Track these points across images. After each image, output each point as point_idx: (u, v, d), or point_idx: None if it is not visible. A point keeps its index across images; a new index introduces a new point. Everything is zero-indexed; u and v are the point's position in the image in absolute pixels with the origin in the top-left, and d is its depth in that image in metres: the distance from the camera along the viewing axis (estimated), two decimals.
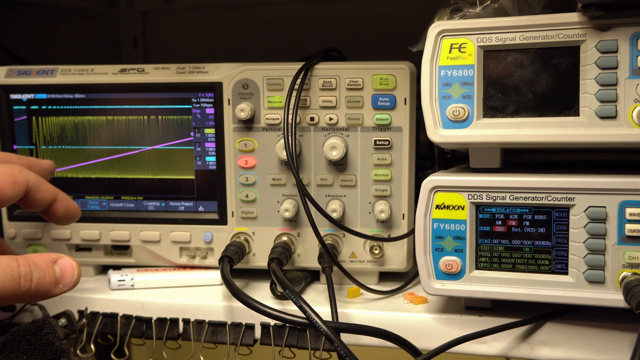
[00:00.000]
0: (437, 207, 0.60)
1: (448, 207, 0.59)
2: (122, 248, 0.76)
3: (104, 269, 0.79)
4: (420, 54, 0.60)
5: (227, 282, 0.62)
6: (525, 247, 0.58)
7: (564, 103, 0.57)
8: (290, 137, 0.66)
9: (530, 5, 0.59)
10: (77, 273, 0.56)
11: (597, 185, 0.55)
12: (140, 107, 0.73)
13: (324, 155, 0.69)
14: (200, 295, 0.70)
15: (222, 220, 0.73)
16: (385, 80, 0.67)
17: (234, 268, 0.67)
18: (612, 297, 0.56)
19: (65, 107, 0.75)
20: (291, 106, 0.67)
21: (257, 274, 0.75)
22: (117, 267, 0.76)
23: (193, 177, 0.74)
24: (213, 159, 0.73)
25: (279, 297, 0.67)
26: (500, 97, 0.58)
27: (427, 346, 0.60)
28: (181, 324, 0.68)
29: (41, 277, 0.53)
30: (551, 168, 0.64)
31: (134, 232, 0.75)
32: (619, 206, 0.55)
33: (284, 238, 0.71)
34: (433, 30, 0.59)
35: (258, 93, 0.70)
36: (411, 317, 0.63)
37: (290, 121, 0.66)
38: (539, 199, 0.57)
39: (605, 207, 0.55)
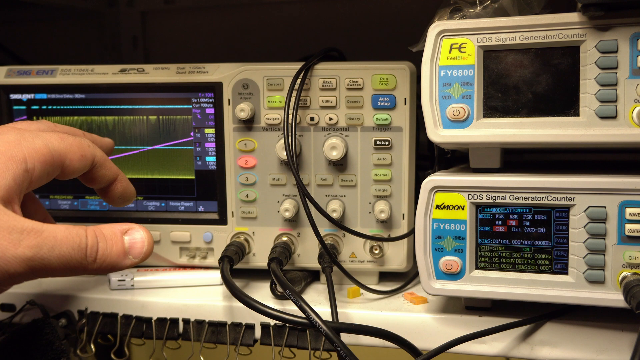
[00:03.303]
0: (437, 207, 0.60)
1: (448, 207, 0.59)
2: None
3: None
4: (420, 54, 0.60)
5: (227, 282, 0.62)
6: (525, 247, 0.58)
7: (564, 103, 0.57)
8: (290, 137, 0.66)
9: (530, 5, 0.59)
10: (148, 244, 0.54)
11: (597, 185, 0.55)
12: (140, 107, 0.73)
13: (324, 155, 0.69)
14: (200, 295, 0.70)
15: (222, 220, 0.73)
16: (385, 80, 0.67)
17: (234, 268, 0.67)
18: (612, 297, 0.56)
19: (65, 107, 0.75)
20: (291, 106, 0.67)
21: (257, 274, 0.75)
22: None
23: (193, 177, 0.74)
24: (213, 159, 0.73)
25: (279, 297, 0.67)
26: (500, 97, 0.58)
27: (427, 346, 0.60)
28: (181, 324, 0.68)
29: (107, 249, 0.52)
30: (551, 168, 0.64)
31: None
32: (619, 206, 0.55)
33: (284, 238, 0.71)
34: (433, 30, 0.59)
35: (258, 93, 0.70)
36: (411, 317, 0.63)
37: (290, 121, 0.66)
38: (539, 199, 0.57)
39: (605, 207, 0.55)
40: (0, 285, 0.47)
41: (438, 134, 0.59)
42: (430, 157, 0.77)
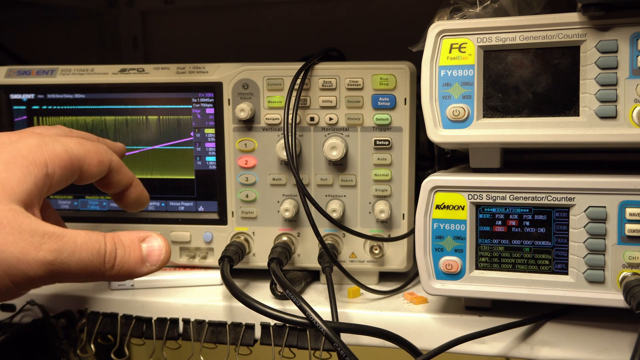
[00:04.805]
0: (437, 207, 0.60)
1: (448, 207, 0.59)
2: None
3: None
4: (420, 54, 0.60)
5: (227, 282, 0.62)
6: (525, 247, 0.58)
7: (564, 103, 0.57)
8: (290, 137, 0.66)
9: (530, 5, 0.59)
10: (166, 252, 0.54)
11: (597, 185, 0.55)
12: (140, 107, 0.73)
13: (324, 155, 0.69)
14: (200, 295, 0.70)
15: (222, 220, 0.73)
16: (385, 80, 0.67)
17: (234, 268, 0.67)
18: (612, 297, 0.56)
19: (65, 107, 0.75)
20: (291, 106, 0.67)
21: (257, 274, 0.75)
22: None
23: (193, 177, 0.74)
24: (213, 159, 0.73)
25: (279, 297, 0.67)
26: (500, 97, 0.58)
27: (427, 346, 0.60)
28: (181, 324, 0.68)
29: (125, 256, 0.51)
30: (551, 168, 0.64)
31: None
32: (619, 206, 0.55)
33: (284, 238, 0.71)
34: (433, 30, 0.59)
35: (258, 93, 0.70)
36: (411, 317, 0.63)
37: (290, 121, 0.66)
38: (539, 199, 0.57)
39: (605, 207, 0.55)
40: (19, 288, 0.47)
41: (438, 134, 0.59)
42: (430, 157, 0.77)
